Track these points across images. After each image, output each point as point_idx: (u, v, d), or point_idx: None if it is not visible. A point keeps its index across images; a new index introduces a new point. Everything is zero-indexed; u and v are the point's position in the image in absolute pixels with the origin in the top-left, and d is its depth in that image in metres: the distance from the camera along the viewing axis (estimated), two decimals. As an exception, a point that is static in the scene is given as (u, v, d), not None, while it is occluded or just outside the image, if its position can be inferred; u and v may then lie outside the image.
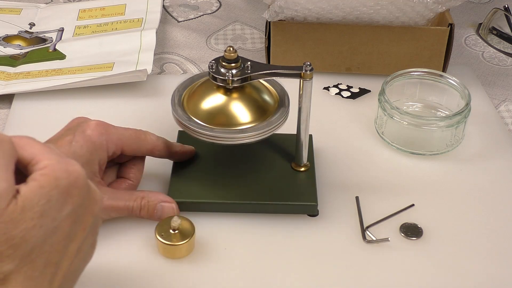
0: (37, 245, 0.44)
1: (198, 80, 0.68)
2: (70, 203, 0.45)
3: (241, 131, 0.63)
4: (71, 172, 0.45)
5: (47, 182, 0.44)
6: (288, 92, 0.67)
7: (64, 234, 0.45)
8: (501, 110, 0.84)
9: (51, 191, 0.44)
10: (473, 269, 0.62)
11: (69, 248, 0.46)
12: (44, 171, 0.44)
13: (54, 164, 0.45)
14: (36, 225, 0.43)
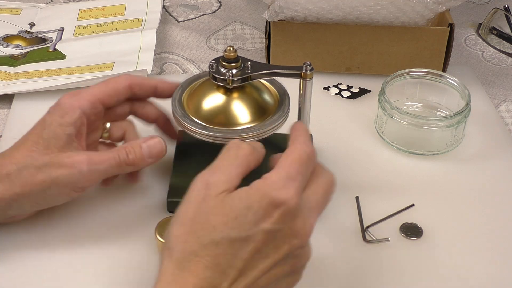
0: (223, 242, 0.48)
1: (198, 80, 0.68)
2: (269, 222, 0.48)
3: (241, 131, 0.63)
4: (278, 195, 0.49)
5: (254, 193, 0.49)
6: (288, 92, 0.67)
7: (255, 247, 0.48)
8: (501, 110, 0.84)
9: (253, 202, 0.49)
10: (473, 269, 0.62)
11: (258, 263, 0.49)
12: (260, 182, 0.50)
13: (273, 180, 0.50)
14: (227, 223, 0.48)
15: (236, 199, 0.49)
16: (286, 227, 0.49)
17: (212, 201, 0.49)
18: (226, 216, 0.48)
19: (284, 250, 0.50)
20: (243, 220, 0.48)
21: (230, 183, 0.50)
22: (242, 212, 0.48)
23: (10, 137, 0.76)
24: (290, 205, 0.49)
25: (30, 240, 0.63)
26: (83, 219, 0.66)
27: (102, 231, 0.65)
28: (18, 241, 0.63)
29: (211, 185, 0.50)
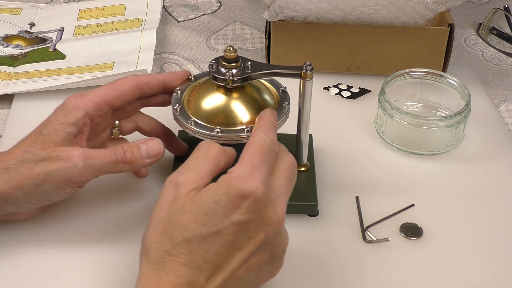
0: (195, 239, 0.49)
1: (198, 80, 0.68)
2: (238, 214, 0.50)
3: (241, 131, 0.63)
4: (245, 185, 0.50)
5: (221, 187, 0.50)
6: (288, 92, 0.67)
7: (227, 240, 0.49)
8: (501, 110, 0.84)
9: (221, 196, 0.50)
10: (473, 269, 0.62)
11: (233, 255, 0.50)
12: (226, 176, 0.51)
13: (239, 172, 0.50)
14: (198, 220, 0.49)
15: (205, 195, 0.50)
16: (257, 217, 0.50)
17: (182, 200, 0.50)
18: (196, 214, 0.49)
19: (259, 239, 0.50)
20: (212, 215, 0.49)
21: (200, 181, 0.51)
22: (210, 207, 0.49)
23: (10, 137, 0.76)
24: (258, 194, 0.50)
25: (30, 239, 0.63)
26: (83, 219, 0.66)
27: (102, 231, 0.65)
28: (18, 241, 0.63)
29: (180, 184, 0.51)
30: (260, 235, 0.50)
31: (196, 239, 0.49)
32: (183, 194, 0.51)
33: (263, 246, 0.51)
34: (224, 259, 0.49)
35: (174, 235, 0.49)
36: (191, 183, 0.51)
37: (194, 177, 0.52)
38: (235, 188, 0.50)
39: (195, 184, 0.51)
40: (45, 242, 0.63)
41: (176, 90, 0.66)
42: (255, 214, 0.50)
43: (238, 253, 0.50)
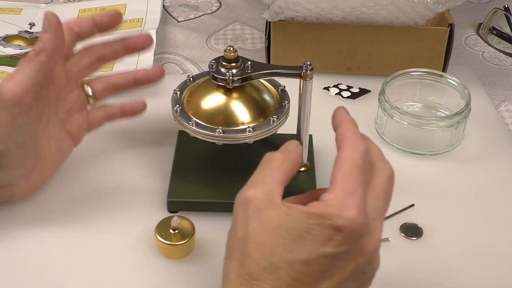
0: (283, 266, 0.45)
1: (197, 80, 0.68)
2: (330, 246, 0.46)
3: (241, 131, 0.63)
4: (340, 217, 0.46)
5: (314, 215, 0.46)
6: (288, 92, 0.67)
7: (317, 271, 0.46)
8: (501, 110, 0.84)
9: (313, 225, 0.46)
10: (473, 269, 0.62)
11: (320, 285, 0.46)
12: (320, 204, 0.47)
13: (333, 201, 0.46)
14: (286, 244, 0.46)
15: (295, 219, 0.46)
16: (350, 248, 0.46)
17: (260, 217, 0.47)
18: (283, 238, 0.46)
19: (349, 268, 0.47)
20: (302, 243, 0.46)
21: (271, 192, 0.48)
22: (300, 235, 0.46)
23: (10, 137, 0.76)
24: (354, 227, 0.46)
25: (30, 239, 0.63)
26: (83, 219, 0.66)
27: (102, 231, 0.65)
28: (17, 239, 0.63)
29: (250, 198, 0.48)
30: (351, 265, 0.47)
31: (284, 266, 0.45)
32: (259, 210, 0.47)
33: (353, 275, 0.47)
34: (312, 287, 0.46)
35: (258, 258, 0.46)
36: (262, 195, 0.48)
37: (263, 188, 0.48)
38: (329, 220, 0.46)
39: (268, 196, 0.48)
40: (44, 245, 0.63)
41: (175, 90, 0.66)
42: (349, 246, 0.46)
43: (325, 282, 0.46)
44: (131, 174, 0.71)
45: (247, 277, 0.46)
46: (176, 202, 0.66)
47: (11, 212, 0.65)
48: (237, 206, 0.49)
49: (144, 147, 0.74)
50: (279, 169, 0.50)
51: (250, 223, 0.47)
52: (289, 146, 0.53)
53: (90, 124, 0.69)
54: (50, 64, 0.59)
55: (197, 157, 0.70)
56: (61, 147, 0.66)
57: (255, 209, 0.47)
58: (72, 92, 0.67)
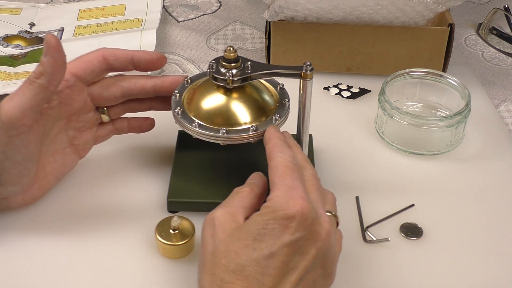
0: (249, 264, 0.49)
1: (195, 82, 0.68)
2: (288, 234, 0.50)
3: (244, 131, 0.63)
4: (290, 206, 0.50)
5: (266, 213, 0.51)
6: (288, 92, 0.67)
7: (281, 261, 0.49)
8: (501, 110, 0.84)
9: (268, 220, 0.50)
10: (473, 269, 0.62)
11: (288, 276, 0.50)
12: (268, 203, 0.52)
13: (279, 196, 0.51)
14: (248, 245, 0.50)
15: (251, 223, 0.51)
16: (306, 233, 0.50)
17: (225, 231, 0.52)
18: (245, 240, 0.50)
19: (311, 255, 0.51)
20: (262, 239, 0.50)
21: (235, 214, 0.53)
22: (259, 232, 0.50)
23: (10, 137, 0.76)
24: (305, 212, 0.50)
25: (30, 238, 0.63)
26: (84, 218, 0.66)
27: (102, 231, 0.65)
28: (15, 241, 0.63)
29: (216, 218, 0.53)
30: (312, 251, 0.51)
31: (250, 263, 0.49)
32: (223, 226, 0.52)
33: (316, 261, 0.51)
34: (280, 280, 0.49)
35: (226, 263, 0.50)
36: (226, 214, 0.53)
37: (227, 209, 0.54)
38: (281, 211, 0.50)
39: (230, 215, 0.53)
40: (44, 244, 0.63)
41: (175, 93, 0.66)
42: (305, 231, 0.50)
43: (293, 273, 0.50)
44: (131, 174, 0.71)
45: (220, 283, 0.49)
46: (176, 202, 0.66)
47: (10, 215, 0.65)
48: (205, 226, 0.54)
49: (144, 147, 0.74)
50: (244, 198, 0.56)
51: (216, 236, 0.52)
52: (254, 179, 0.59)
53: (97, 138, 0.68)
54: (50, 87, 0.58)
55: (197, 157, 0.70)
56: (66, 161, 0.66)
57: (220, 224, 0.52)
58: (87, 114, 0.66)
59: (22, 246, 0.63)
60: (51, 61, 0.57)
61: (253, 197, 0.56)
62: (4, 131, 0.58)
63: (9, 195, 0.63)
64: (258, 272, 0.49)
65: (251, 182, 0.58)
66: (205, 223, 0.54)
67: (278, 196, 0.51)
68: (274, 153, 0.56)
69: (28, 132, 0.59)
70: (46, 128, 0.62)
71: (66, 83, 0.62)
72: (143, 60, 0.66)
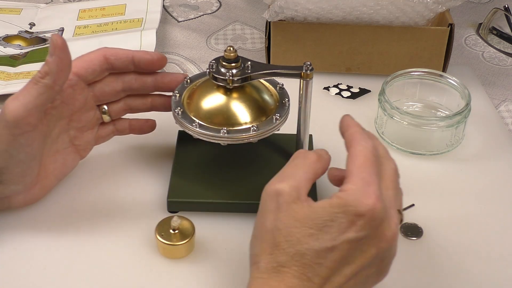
0: (309, 253, 0.49)
1: (195, 82, 0.68)
2: (354, 231, 0.49)
3: (245, 131, 0.63)
4: (362, 204, 0.49)
5: (337, 204, 0.50)
6: (288, 92, 0.67)
7: (341, 256, 0.49)
8: (501, 110, 0.84)
9: (337, 213, 0.49)
10: (473, 269, 0.62)
11: (343, 270, 0.50)
12: (341, 194, 0.50)
13: (353, 190, 0.50)
14: (313, 234, 0.49)
15: (319, 210, 0.50)
16: (372, 233, 0.50)
17: (289, 211, 0.50)
18: (310, 228, 0.49)
19: (370, 254, 0.50)
20: (327, 231, 0.49)
21: (300, 189, 0.51)
22: (326, 223, 0.49)
23: (10, 137, 0.76)
24: (375, 212, 0.49)
25: (30, 238, 0.63)
26: (83, 218, 0.66)
27: (102, 231, 0.65)
28: (15, 241, 0.63)
29: (280, 191, 0.51)
30: (372, 250, 0.50)
31: (310, 253, 0.49)
32: (287, 203, 0.51)
33: (374, 261, 0.51)
34: (334, 273, 0.50)
35: (286, 248, 0.49)
36: (292, 190, 0.51)
37: (294, 183, 0.51)
38: (352, 207, 0.49)
39: (297, 191, 0.51)
40: (45, 243, 0.63)
41: (174, 93, 0.66)
42: (370, 231, 0.50)
43: (348, 267, 0.50)
44: (131, 174, 0.71)
45: (276, 265, 0.49)
46: (176, 202, 0.66)
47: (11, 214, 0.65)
48: (266, 196, 0.52)
49: (144, 147, 0.74)
50: (311, 167, 0.54)
51: (278, 215, 0.50)
52: (322, 151, 0.57)
53: (98, 139, 0.68)
54: (55, 87, 0.58)
55: (197, 157, 0.70)
56: (67, 161, 0.66)
57: (284, 202, 0.51)
58: (88, 113, 0.66)
59: (22, 246, 0.63)
60: (56, 61, 0.57)
61: (320, 167, 0.54)
62: (8, 130, 0.58)
63: (11, 194, 0.63)
64: (316, 263, 0.49)
65: (319, 152, 0.56)
66: (267, 194, 0.52)
67: (353, 190, 0.50)
68: (356, 141, 0.54)
69: (33, 131, 0.59)
70: (49, 128, 0.62)
71: (68, 82, 0.62)
72: (144, 60, 0.66)
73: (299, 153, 0.55)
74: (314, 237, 0.49)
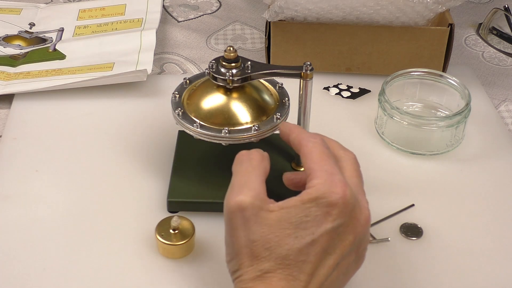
0: (291, 253, 0.49)
1: (195, 81, 0.68)
2: (330, 221, 0.50)
3: (246, 130, 0.63)
4: (333, 193, 0.50)
5: (308, 199, 0.50)
6: (288, 92, 0.67)
7: (322, 248, 0.50)
8: (501, 110, 0.84)
9: (311, 208, 0.50)
10: (473, 269, 0.62)
11: (326, 261, 0.50)
12: (310, 190, 0.51)
13: (320, 183, 0.51)
14: (291, 234, 0.49)
15: (292, 211, 0.50)
16: (347, 220, 0.51)
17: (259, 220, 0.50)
18: (287, 229, 0.50)
19: (349, 241, 0.51)
20: (304, 227, 0.50)
21: (260, 195, 0.51)
22: (302, 220, 0.50)
23: (10, 137, 0.76)
24: (346, 199, 0.50)
25: (29, 239, 0.63)
26: (83, 218, 0.66)
27: (102, 231, 0.65)
28: (15, 241, 0.63)
29: (243, 205, 0.50)
30: (350, 237, 0.51)
31: (292, 252, 0.49)
32: (255, 215, 0.50)
33: (352, 247, 0.51)
34: (318, 266, 0.50)
35: (268, 255, 0.49)
36: (253, 200, 0.51)
37: (252, 192, 0.51)
38: (324, 199, 0.50)
39: (259, 200, 0.51)
40: (45, 242, 0.63)
41: (174, 93, 0.66)
42: (345, 218, 0.50)
43: (330, 258, 0.50)
44: (131, 174, 0.71)
45: (260, 273, 0.49)
46: (176, 202, 0.66)
47: (11, 215, 0.65)
48: (230, 214, 0.51)
49: (144, 147, 0.74)
50: (260, 169, 0.54)
51: (250, 229, 0.50)
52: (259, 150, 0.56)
53: None
54: None
55: (197, 157, 0.70)
56: None
57: (251, 215, 0.50)
58: None
59: (22, 246, 0.63)
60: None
61: (267, 164, 0.55)
62: None
63: None
64: (299, 261, 0.49)
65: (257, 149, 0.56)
66: (230, 211, 0.51)
67: (320, 183, 0.51)
68: (304, 140, 0.55)
69: None
70: None
71: None
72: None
73: (242, 155, 0.55)
74: (292, 236, 0.49)
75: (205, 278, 0.60)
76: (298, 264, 0.49)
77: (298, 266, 0.49)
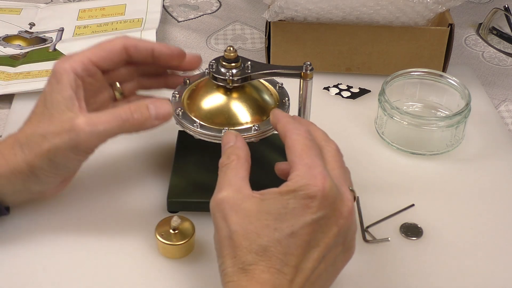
0: (271, 244, 0.49)
1: (195, 82, 0.68)
2: (310, 213, 0.50)
3: (246, 130, 0.63)
4: (310, 186, 0.50)
5: (286, 191, 0.51)
6: (288, 92, 0.67)
7: (304, 240, 0.49)
8: (501, 110, 0.84)
9: (288, 199, 0.50)
10: (473, 269, 0.62)
11: (310, 254, 0.50)
12: (289, 182, 0.51)
13: (299, 176, 0.51)
14: (269, 225, 0.50)
15: (270, 202, 0.51)
16: (328, 212, 0.50)
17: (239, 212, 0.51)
18: (266, 220, 0.50)
19: (332, 233, 0.51)
20: (282, 219, 0.50)
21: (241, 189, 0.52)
22: (280, 211, 0.50)
23: (10, 137, 0.76)
24: (326, 191, 0.50)
25: (31, 236, 0.63)
26: (83, 219, 0.66)
27: (102, 231, 0.65)
28: (15, 241, 0.63)
29: (224, 201, 0.52)
30: (333, 229, 0.51)
31: (272, 244, 0.49)
32: (236, 205, 0.51)
33: (337, 239, 0.51)
34: (303, 259, 0.50)
35: (248, 245, 0.49)
36: (234, 193, 0.52)
37: (232, 187, 0.52)
38: (302, 191, 0.50)
39: (239, 192, 0.52)
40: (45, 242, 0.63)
41: (174, 93, 0.66)
42: (326, 210, 0.50)
43: (315, 251, 0.50)
44: (131, 174, 0.71)
45: (242, 266, 0.49)
46: (176, 202, 0.66)
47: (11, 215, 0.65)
48: (213, 210, 0.52)
49: (144, 147, 0.74)
50: (238, 168, 0.54)
51: (230, 220, 0.51)
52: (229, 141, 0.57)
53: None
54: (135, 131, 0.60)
55: (197, 157, 0.70)
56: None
57: (230, 206, 0.51)
58: (102, 94, 0.65)
59: (22, 246, 0.63)
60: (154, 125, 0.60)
61: (244, 162, 0.55)
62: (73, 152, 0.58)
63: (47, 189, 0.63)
64: (281, 252, 0.49)
65: (229, 148, 0.56)
66: (214, 208, 0.52)
67: (299, 176, 0.51)
68: (289, 131, 0.55)
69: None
70: None
71: (88, 73, 0.62)
72: (164, 55, 0.65)
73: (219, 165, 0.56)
74: (271, 227, 0.49)
75: (205, 278, 0.60)
76: (280, 256, 0.49)
77: (280, 259, 0.49)
